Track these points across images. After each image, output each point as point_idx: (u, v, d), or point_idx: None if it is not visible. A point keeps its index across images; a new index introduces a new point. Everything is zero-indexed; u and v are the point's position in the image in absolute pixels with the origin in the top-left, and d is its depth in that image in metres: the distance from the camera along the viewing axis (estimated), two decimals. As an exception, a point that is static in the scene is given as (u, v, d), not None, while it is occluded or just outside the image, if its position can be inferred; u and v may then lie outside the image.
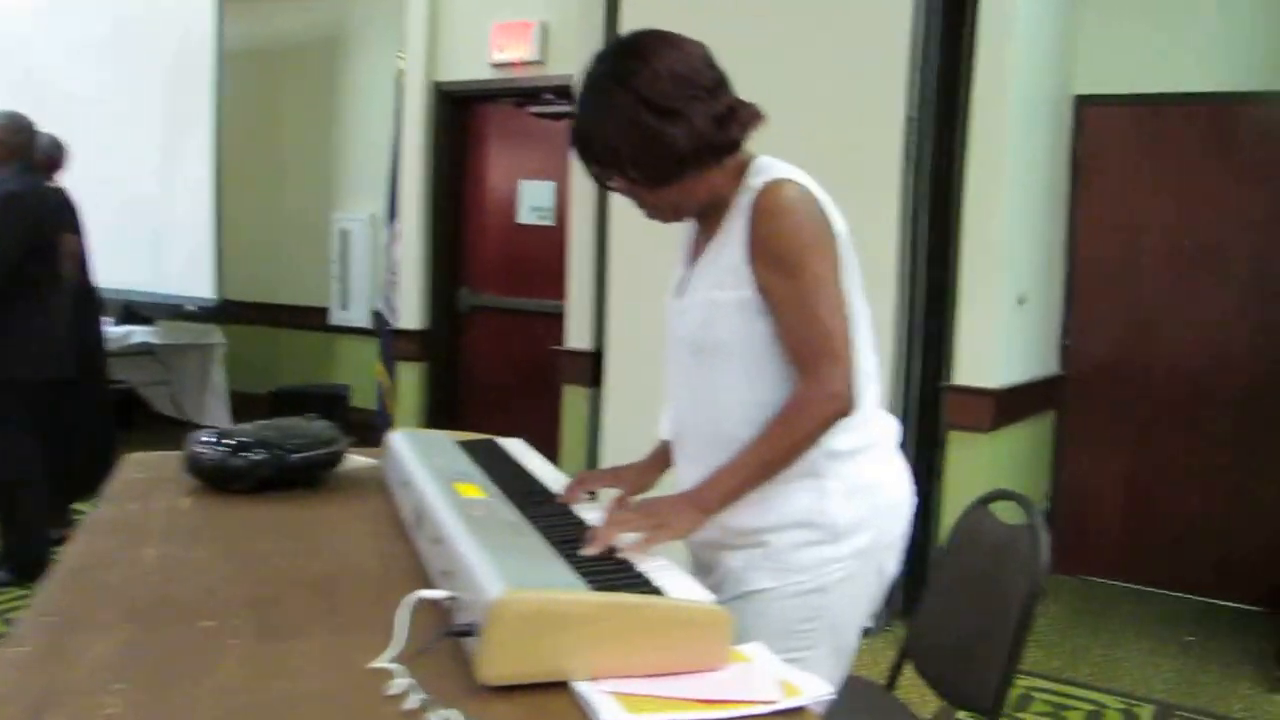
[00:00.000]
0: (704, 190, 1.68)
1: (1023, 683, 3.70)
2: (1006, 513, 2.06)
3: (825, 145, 3.85)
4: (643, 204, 1.72)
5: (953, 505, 3.97)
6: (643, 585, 1.38)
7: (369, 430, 6.28)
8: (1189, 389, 4.67)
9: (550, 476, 1.96)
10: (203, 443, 2.02)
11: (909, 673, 2.18)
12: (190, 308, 6.49)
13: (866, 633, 2.02)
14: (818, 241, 1.62)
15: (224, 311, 6.51)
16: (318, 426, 2.15)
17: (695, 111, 1.59)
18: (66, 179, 4.99)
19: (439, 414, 5.85)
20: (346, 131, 7.14)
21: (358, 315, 7.03)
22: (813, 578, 1.68)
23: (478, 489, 1.74)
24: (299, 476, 2.05)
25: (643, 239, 4.44)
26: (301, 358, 7.38)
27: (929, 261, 4.04)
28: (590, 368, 4.75)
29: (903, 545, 1.79)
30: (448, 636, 1.26)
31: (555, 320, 5.03)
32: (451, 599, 1.34)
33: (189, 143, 6.47)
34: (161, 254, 6.62)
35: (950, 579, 2.13)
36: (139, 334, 6.50)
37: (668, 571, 1.44)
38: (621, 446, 4.29)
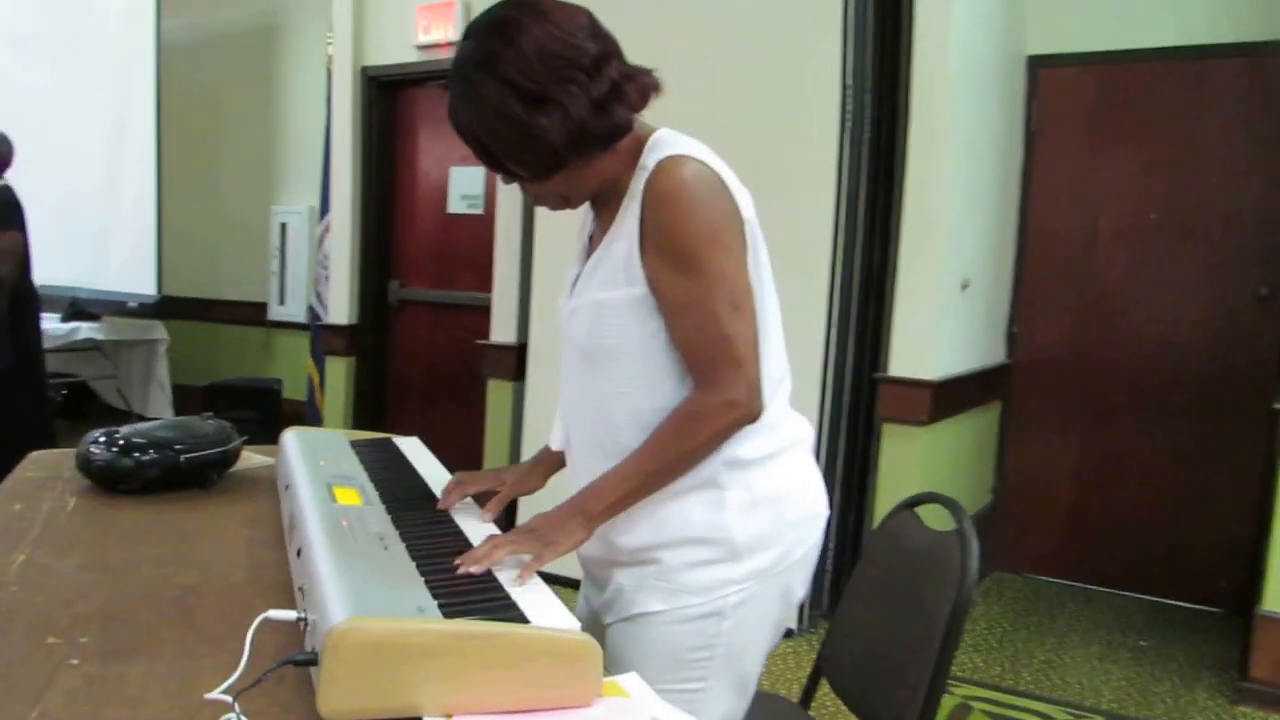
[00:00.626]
0: (594, 177, 1.48)
1: (960, 691, 3.48)
2: (935, 517, 1.85)
3: (758, 120, 3.67)
4: (529, 193, 1.52)
5: (886, 503, 3.78)
6: (504, 609, 1.24)
7: (300, 422, 6.12)
8: (1144, 377, 4.44)
9: (437, 478, 1.82)
10: (94, 442, 1.98)
11: (826, 687, 1.97)
12: (132, 304, 6.32)
13: (787, 635, 1.82)
14: (718, 229, 1.41)
15: (165, 307, 6.34)
16: (211, 426, 2.12)
17: (571, 96, 1.37)
18: (13, 176, 4.83)
19: (367, 409, 5.67)
20: (284, 122, 6.95)
21: (295, 310, 6.86)
22: (708, 600, 1.50)
23: (356, 494, 1.63)
24: (190, 477, 2.01)
25: (569, 228, 4.31)
26: (240, 352, 7.20)
27: (867, 243, 3.82)
28: (515, 361, 4.57)
29: (813, 563, 1.60)
30: (287, 664, 1.13)
31: (484, 313, 4.84)
32: (303, 619, 1.19)
33: (131, 137, 6.29)
34: (105, 250, 6.46)
35: (870, 588, 1.92)
36: (85, 330, 6.43)
37: (535, 592, 1.31)
38: (543, 440, 4.11)
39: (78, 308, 6.51)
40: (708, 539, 1.49)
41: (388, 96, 5.58)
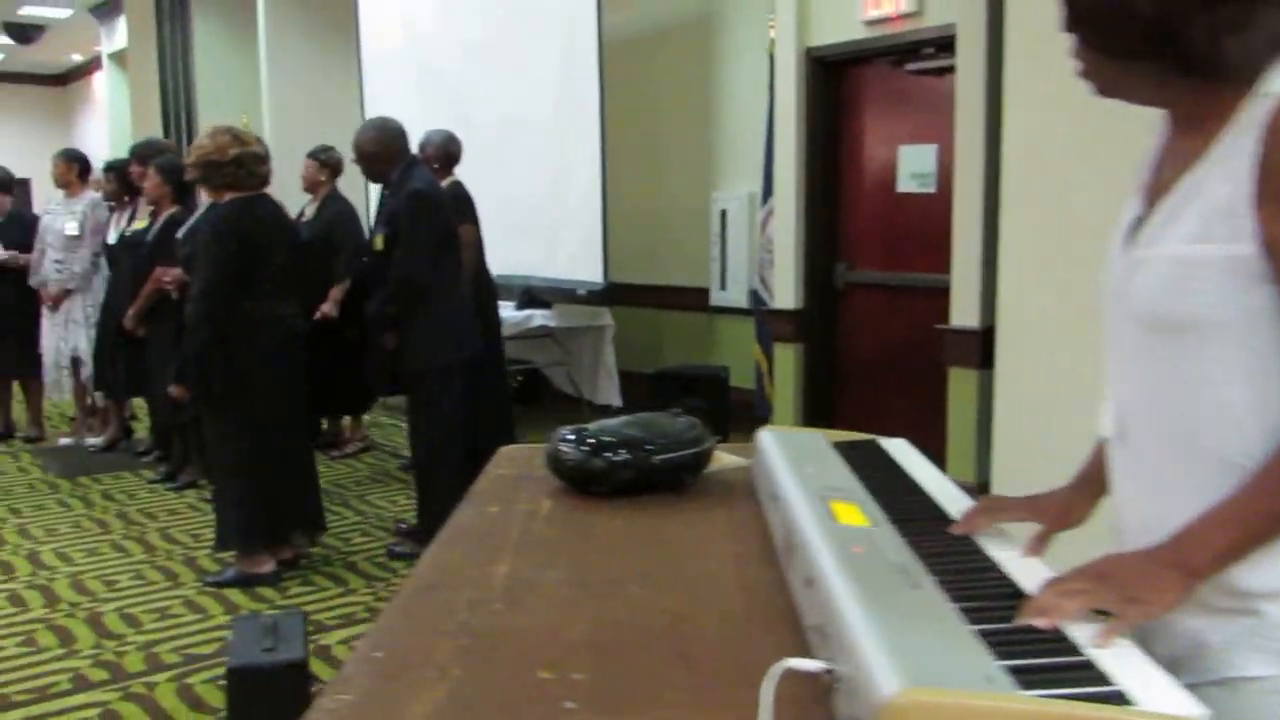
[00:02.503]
0: (1155, 95, 1.24)
1: None
2: None
3: None
4: (1081, 62, 1.27)
5: None
6: (1092, 681, 0.96)
7: (748, 411, 6.20)
8: None
9: (944, 493, 1.58)
10: (564, 441, 1.92)
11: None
12: (581, 291, 6.65)
13: None
14: None
15: (611, 294, 6.60)
16: (682, 424, 2.00)
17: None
18: (467, 172, 5.24)
19: (815, 398, 5.57)
20: (723, 110, 7.02)
21: (736, 295, 6.92)
22: None
23: (858, 512, 1.42)
24: (662, 480, 1.90)
25: (1044, 202, 3.98)
26: (684, 338, 7.38)
27: None
28: (979, 347, 4.29)
29: None
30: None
31: (939, 295, 4.60)
32: (829, 673, 1.05)
33: (576, 132, 6.60)
34: (556, 240, 6.83)
35: None
36: (538, 318, 6.86)
37: (1127, 660, 1.02)
38: (1017, 438, 3.82)
39: (530, 295, 6.94)
40: None
41: (833, 76, 5.45)
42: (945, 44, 4.71)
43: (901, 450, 1.85)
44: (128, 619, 3.95)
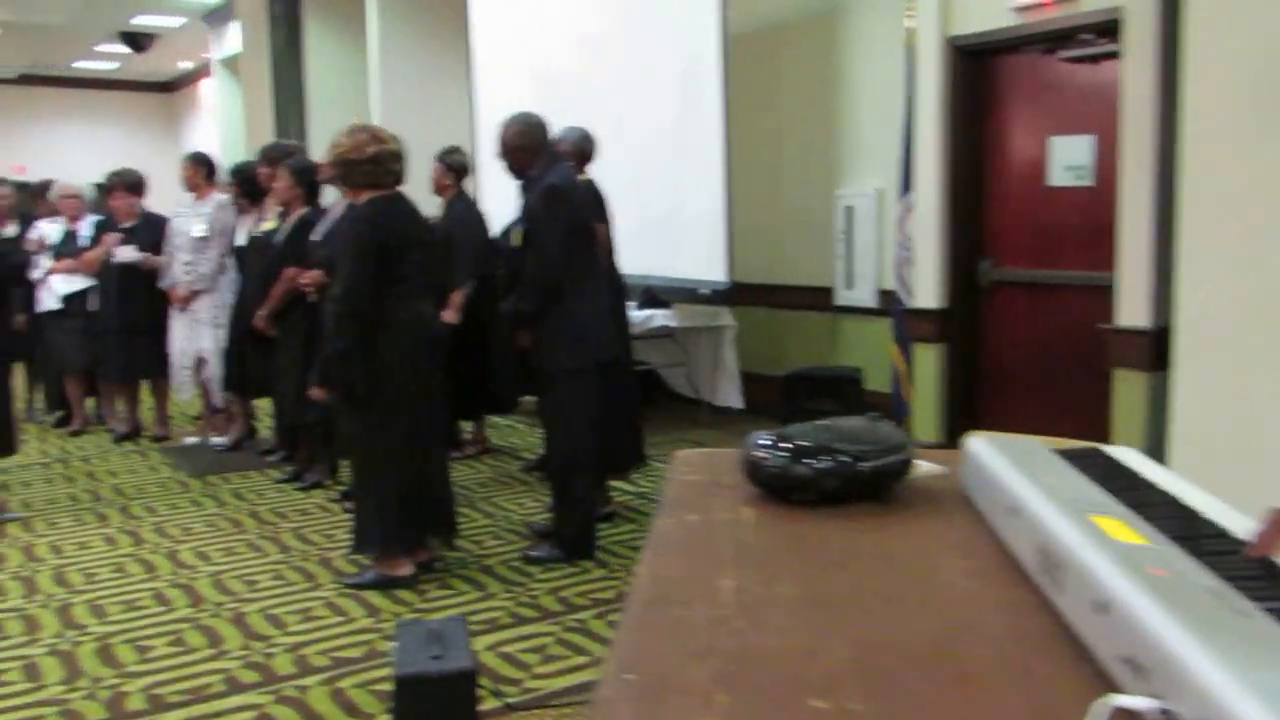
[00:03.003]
0: None
1: None
2: None
3: None
4: None
5: None
6: None
7: (885, 415, 5.98)
8: None
9: (1212, 508, 1.42)
10: (761, 447, 1.77)
11: None
12: (704, 291, 6.53)
13: None
14: None
15: (734, 294, 6.47)
16: (884, 430, 1.84)
17: None
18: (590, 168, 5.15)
19: (959, 399, 5.37)
20: (849, 105, 6.83)
21: (863, 294, 6.74)
22: None
23: (1128, 529, 1.26)
24: (866, 489, 1.75)
25: (1231, 195, 3.74)
26: (806, 339, 7.21)
27: None
28: (1150, 349, 4.06)
29: None
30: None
31: (1095, 294, 4.37)
32: (1165, 713, 0.90)
33: (698, 129, 6.49)
34: (677, 239, 6.72)
35: None
36: (659, 318, 6.80)
37: None
38: (1197, 445, 3.59)
39: (650, 295, 6.83)
40: None
41: (977, 66, 5.26)
42: (1105, 28, 4.49)
43: (1137, 460, 1.69)
44: (272, 620, 3.91)
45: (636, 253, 6.61)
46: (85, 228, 7.00)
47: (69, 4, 12.31)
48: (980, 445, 1.67)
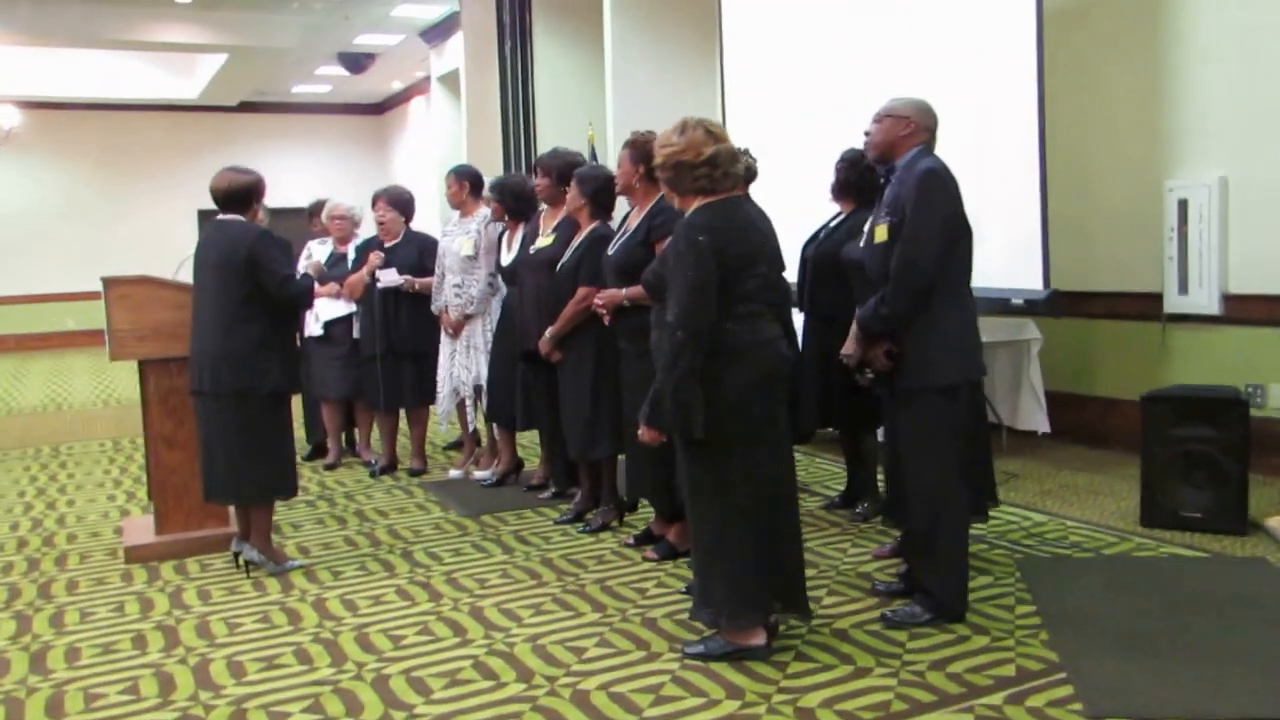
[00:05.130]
0: None
1: None
2: None
3: None
4: None
5: None
6: None
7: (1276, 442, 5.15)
8: None
9: None
10: None
11: None
12: (1016, 301, 5.75)
13: None
14: None
15: (1057, 304, 5.67)
16: None
17: None
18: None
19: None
20: (1183, 79, 5.95)
21: (1201, 300, 5.87)
22: None
23: None
24: None
25: None
26: (1128, 353, 6.34)
27: None
28: None
29: None
30: None
31: None
32: None
33: (1008, 112, 5.74)
34: (982, 242, 5.94)
35: None
36: None
37: None
38: None
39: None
40: None
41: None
42: None
43: None
44: (620, 700, 3.34)
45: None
46: (352, 250, 6.71)
47: (298, 26, 12.36)
48: None
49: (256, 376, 4.56)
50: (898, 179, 3.77)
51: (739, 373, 3.50)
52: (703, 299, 3.44)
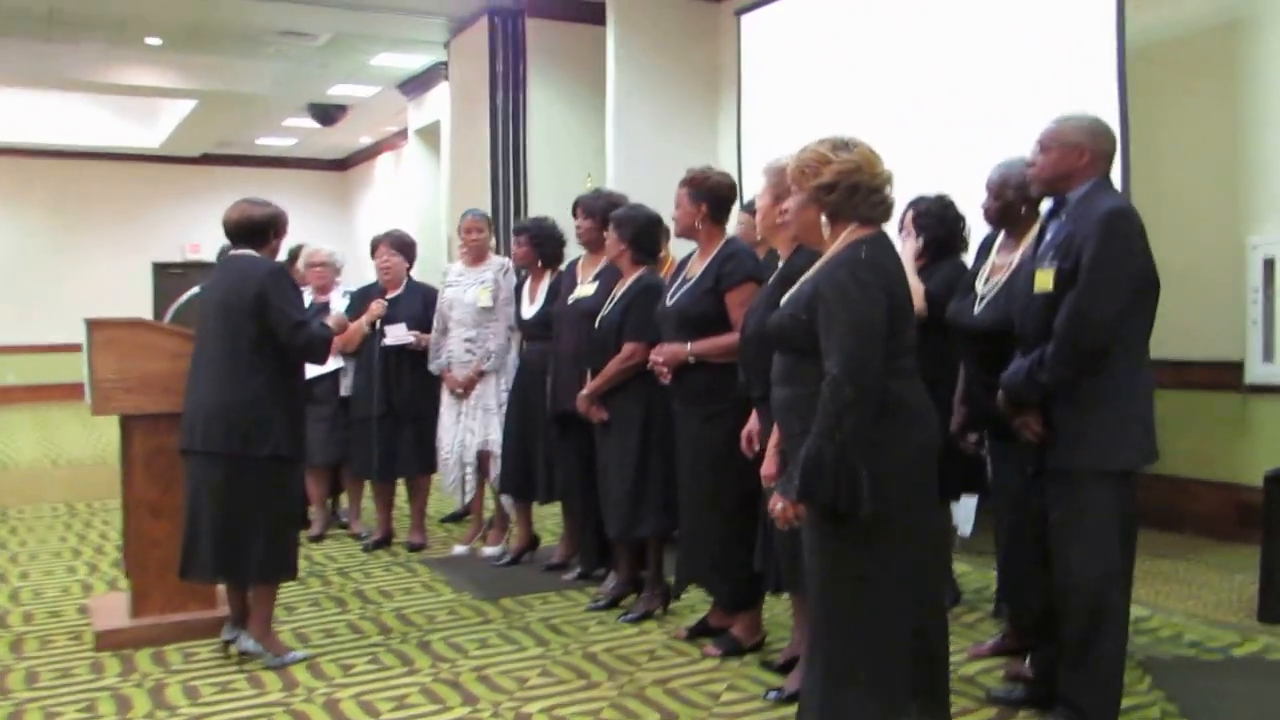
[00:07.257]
0: None
1: None
2: None
3: None
4: None
5: None
6: None
7: None
8: None
9: None
10: None
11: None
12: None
13: None
14: None
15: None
16: None
17: None
18: None
19: None
20: (1264, 132, 5.51)
21: (1295, 368, 5.37)
22: None
23: None
24: None
25: None
26: (1204, 426, 5.80)
27: None
28: None
29: None
30: None
31: None
32: None
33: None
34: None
35: None
36: None
37: None
38: None
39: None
40: None
41: None
42: None
43: None
44: None
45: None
46: (336, 299, 6.03)
47: (271, 73, 11.76)
48: None
49: (256, 436, 3.88)
50: (1070, 216, 3.17)
51: (903, 438, 2.87)
52: (874, 348, 2.79)
